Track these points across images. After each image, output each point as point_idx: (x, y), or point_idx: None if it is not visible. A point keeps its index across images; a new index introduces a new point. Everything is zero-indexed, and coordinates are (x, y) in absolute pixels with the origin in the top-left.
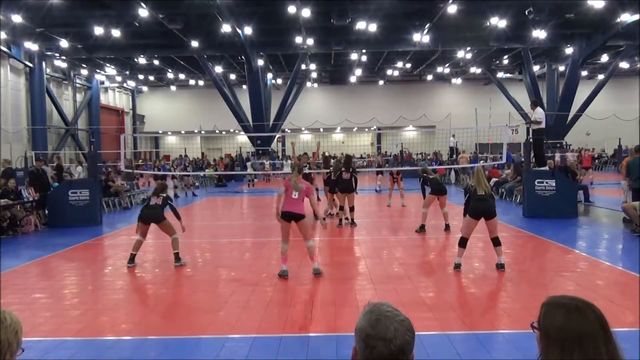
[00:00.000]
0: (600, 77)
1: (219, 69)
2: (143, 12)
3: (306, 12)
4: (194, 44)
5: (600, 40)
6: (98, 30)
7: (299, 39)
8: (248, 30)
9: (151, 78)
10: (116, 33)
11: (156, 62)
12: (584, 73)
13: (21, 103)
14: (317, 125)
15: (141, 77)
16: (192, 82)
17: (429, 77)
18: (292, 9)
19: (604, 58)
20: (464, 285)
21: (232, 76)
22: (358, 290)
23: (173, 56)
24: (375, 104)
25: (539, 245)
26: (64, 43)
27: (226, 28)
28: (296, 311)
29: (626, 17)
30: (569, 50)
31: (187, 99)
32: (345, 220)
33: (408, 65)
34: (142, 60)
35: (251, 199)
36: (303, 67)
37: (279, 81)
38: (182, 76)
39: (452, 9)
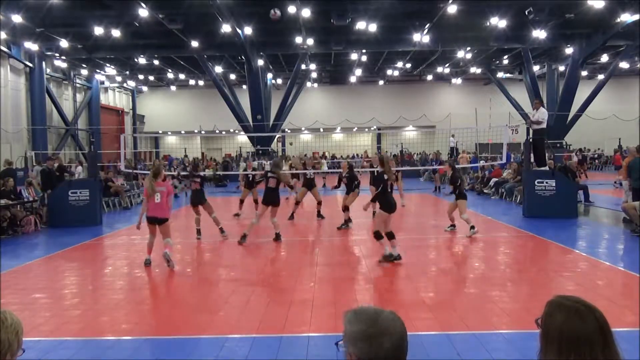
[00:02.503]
0: (600, 77)
1: (219, 69)
2: (143, 12)
3: (306, 12)
4: (194, 44)
5: (600, 40)
6: (98, 30)
7: (299, 39)
8: (248, 30)
9: (151, 78)
10: (116, 33)
11: (156, 62)
12: (584, 73)
13: (21, 103)
14: (317, 125)
15: (141, 77)
16: (192, 82)
17: (429, 77)
18: (292, 9)
19: (604, 58)
20: (463, 285)
21: (232, 76)
22: (358, 290)
23: (173, 56)
24: (375, 104)
25: (539, 245)
26: (64, 43)
27: (226, 28)
28: (296, 311)
29: (626, 17)
30: (569, 50)
31: (187, 99)
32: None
33: (408, 65)
34: (142, 60)
35: (251, 198)
36: (303, 67)
37: (279, 81)
38: (182, 76)
39: (452, 9)
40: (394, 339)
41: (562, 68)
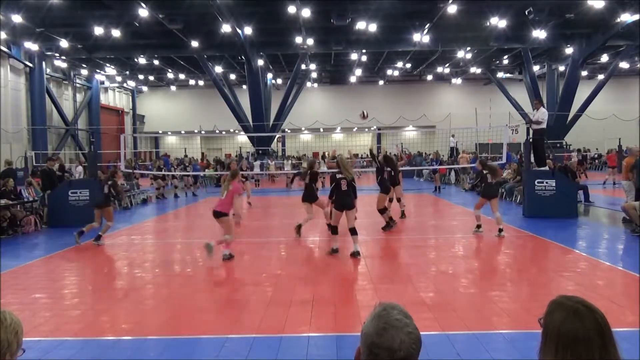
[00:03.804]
0: (600, 77)
1: (219, 69)
2: (143, 12)
3: (306, 12)
4: (194, 44)
5: (600, 40)
6: (98, 30)
7: (299, 39)
8: (248, 30)
9: (151, 78)
10: (116, 33)
11: (156, 62)
12: (584, 73)
13: (21, 103)
14: (317, 125)
15: (141, 77)
16: (192, 82)
17: (429, 77)
18: (292, 9)
19: (604, 58)
20: (463, 285)
21: (232, 76)
22: (358, 290)
23: (173, 56)
24: (375, 104)
25: (539, 245)
26: (64, 43)
27: (226, 28)
28: (296, 311)
29: (626, 17)
30: (569, 50)
31: (187, 99)
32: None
33: (408, 65)
34: (142, 60)
35: (252, 198)
36: (303, 67)
37: (279, 81)
38: (182, 76)
39: (452, 9)
40: (395, 356)
41: (562, 68)
